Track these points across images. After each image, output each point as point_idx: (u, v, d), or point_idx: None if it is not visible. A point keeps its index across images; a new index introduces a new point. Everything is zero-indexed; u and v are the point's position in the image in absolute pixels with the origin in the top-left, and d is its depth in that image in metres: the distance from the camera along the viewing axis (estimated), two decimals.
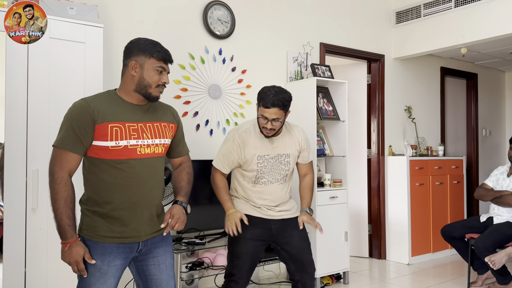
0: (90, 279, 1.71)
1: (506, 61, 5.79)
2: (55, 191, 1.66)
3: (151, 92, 1.78)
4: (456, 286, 3.81)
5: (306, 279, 2.51)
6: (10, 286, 2.30)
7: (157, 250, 1.84)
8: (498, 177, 3.82)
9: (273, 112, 2.34)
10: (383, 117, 4.84)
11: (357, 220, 4.82)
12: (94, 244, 1.72)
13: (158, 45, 1.82)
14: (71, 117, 1.69)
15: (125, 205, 1.73)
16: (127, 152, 1.71)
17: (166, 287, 1.86)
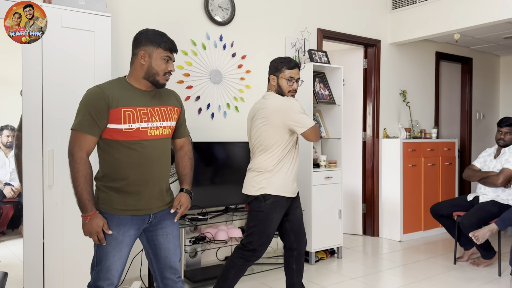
0: (107, 248, 1.90)
1: (500, 45, 5.92)
2: (76, 169, 1.84)
3: (159, 80, 1.95)
4: (444, 261, 4.05)
5: (301, 248, 2.78)
6: (30, 257, 2.52)
7: (165, 222, 2.04)
8: (486, 158, 4.01)
9: (297, 72, 2.69)
10: (378, 101, 5.01)
11: (352, 200, 5.04)
12: (110, 217, 1.91)
13: (165, 36, 1.99)
14: (88, 103, 1.86)
15: (138, 181, 1.92)
16: (139, 134, 1.90)
17: (173, 255, 2.07)
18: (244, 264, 2.64)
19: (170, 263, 2.05)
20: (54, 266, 2.57)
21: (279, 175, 2.60)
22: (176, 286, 2.09)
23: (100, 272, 1.91)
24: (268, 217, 2.59)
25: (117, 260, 1.92)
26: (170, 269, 2.06)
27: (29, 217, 2.52)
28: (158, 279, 2.09)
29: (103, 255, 1.91)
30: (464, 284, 3.43)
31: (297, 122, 2.56)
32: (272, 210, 2.59)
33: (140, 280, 3.13)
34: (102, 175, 1.96)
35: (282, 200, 2.62)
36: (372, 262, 4.06)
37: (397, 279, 3.58)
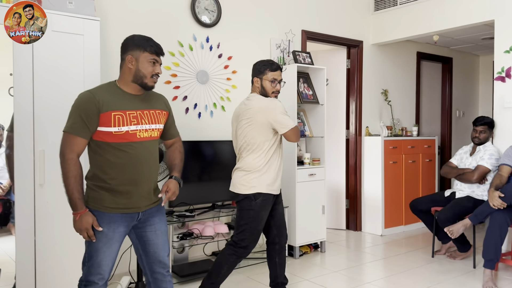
0: (97, 244, 1.99)
1: (479, 46, 6.11)
2: (66, 170, 1.94)
3: (147, 82, 2.05)
4: (423, 255, 4.22)
5: (283, 241, 2.95)
6: (22, 254, 2.60)
7: (153, 219, 2.15)
8: (462, 156, 4.18)
9: (279, 73, 2.82)
10: (361, 100, 5.16)
11: (336, 196, 5.19)
12: (101, 214, 2.00)
13: (151, 40, 2.08)
14: (79, 107, 1.95)
15: (127, 181, 2.01)
16: (128, 136, 1.99)
17: (162, 250, 2.17)
18: (236, 260, 2.77)
19: (159, 257, 2.15)
20: (45, 262, 2.65)
21: (268, 174, 2.73)
22: (165, 280, 2.19)
23: (91, 268, 2.00)
24: (259, 215, 2.72)
25: (108, 255, 2.01)
26: (159, 263, 2.16)
27: (21, 215, 2.60)
28: (147, 274, 2.19)
29: (94, 251, 2.00)
30: (441, 276, 3.60)
31: (279, 123, 2.69)
32: (262, 208, 2.72)
33: (129, 275, 3.23)
34: (92, 175, 2.04)
35: (270, 197, 2.77)
36: (355, 256, 4.21)
37: (378, 271, 3.74)
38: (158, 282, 2.19)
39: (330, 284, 3.39)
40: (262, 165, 2.71)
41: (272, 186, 2.76)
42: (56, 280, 2.68)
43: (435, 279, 3.52)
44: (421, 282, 3.43)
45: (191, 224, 3.69)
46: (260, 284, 3.37)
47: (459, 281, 3.46)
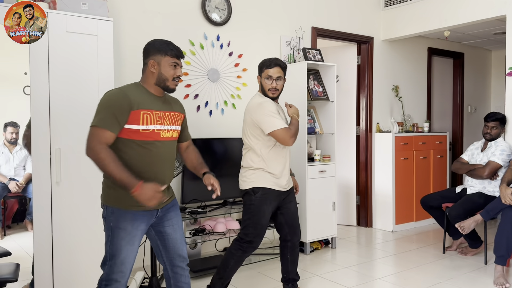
0: (120, 242, 2.03)
1: (491, 41, 6.06)
2: (102, 159, 1.92)
3: (169, 85, 2.13)
4: (434, 251, 4.22)
5: (295, 240, 2.97)
6: (40, 250, 2.68)
7: (170, 214, 2.21)
8: (473, 151, 4.17)
9: (276, 71, 2.76)
10: (371, 96, 5.16)
11: (346, 192, 5.21)
12: (122, 213, 2.04)
13: (171, 44, 2.15)
14: (111, 103, 2.00)
15: (150, 179, 2.01)
16: (154, 135, 2.07)
17: (180, 244, 2.24)
18: (242, 255, 2.80)
19: (178, 251, 2.23)
20: (62, 258, 2.73)
21: (268, 170, 2.77)
22: (184, 275, 2.27)
23: (114, 266, 2.03)
24: (260, 209, 2.75)
25: (130, 253, 2.06)
26: (179, 257, 2.23)
27: (38, 212, 2.67)
28: (168, 269, 2.26)
29: (116, 250, 2.03)
30: (452, 271, 3.61)
31: (261, 123, 2.70)
32: (262, 202, 2.75)
33: (143, 271, 3.29)
34: None
35: (272, 192, 2.78)
36: (365, 252, 4.23)
37: (389, 267, 3.75)
38: (178, 276, 2.26)
39: (341, 280, 3.42)
40: (259, 162, 2.76)
41: (272, 182, 2.78)
42: (73, 275, 2.75)
43: (446, 275, 3.53)
44: (432, 278, 3.44)
45: (203, 221, 3.74)
46: (271, 279, 3.42)
47: (470, 277, 3.47)
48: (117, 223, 2.04)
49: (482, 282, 3.35)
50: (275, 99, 2.84)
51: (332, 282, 3.38)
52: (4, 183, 3.92)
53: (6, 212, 4.10)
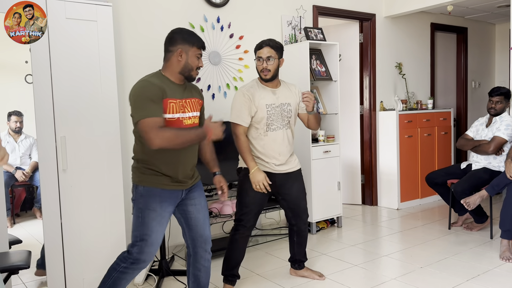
0: (151, 223, 2.12)
1: (495, 14, 5.96)
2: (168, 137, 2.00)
3: (192, 74, 2.20)
4: (439, 227, 4.25)
5: (300, 223, 2.97)
6: (50, 237, 2.71)
7: (193, 194, 2.30)
8: (478, 127, 4.15)
9: (266, 51, 2.72)
10: (374, 75, 5.12)
11: (351, 172, 5.22)
12: (152, 194, 2.13)
13: (197, 35, 2.22)
14: (146, 93, 2.03)
15: (175, 164, 2.15)
16: (178, 123, 2.13)
17: (204, 224, 2.31)
18: (235, 234, 2.81)
19: (200, 231, 2.30)
20: (73, 244, 2.76)
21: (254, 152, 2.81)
22: (205, 256, 2.34)
23: (145, 247, 2.12)
24: (242, 187, 2.80)
25: (160, 234, 2.16)
26: (201, 237, 2.30)
27: (46, 200, 2.69)
28: (190, 247, 2.35)
29: (147, 230, 2.12)
30: (458, 247, 3.64)
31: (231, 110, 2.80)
32: (245, 181, 2.78)
33: None
34: (142, 159, 2.17)
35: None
36: (371, 230, 4.27)
37: (395, 244, 3.79)
38: (198, 257, 2.33)
39: (348, 258, 3.46)
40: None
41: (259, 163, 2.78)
42: (84, 260, 2.79)
43: (452, 250, 3.56)
44: (438, 254, 3.47)
45: (210, 204, 3.77)
46: (278, 259, 3.46)
47: (476, 252, 3.50)
48: (146, 205, 2.13)
49: (488, 257, 3.38)
50: (269, 81, 2.78)
51: (339, 260, 3.42)
52: (11, 172, 3.95)
53: (14, 201, 4.15)
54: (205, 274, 2.37)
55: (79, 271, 2.78)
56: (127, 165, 3.50)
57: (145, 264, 2.16)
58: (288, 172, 2.86)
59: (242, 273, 3.04)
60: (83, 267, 2.79)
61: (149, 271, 3.16)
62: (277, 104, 2.79)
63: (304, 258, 3.08)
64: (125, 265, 2.16)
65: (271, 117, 2.76)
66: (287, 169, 2.85)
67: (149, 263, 2.18)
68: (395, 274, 3.11)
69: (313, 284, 2.98)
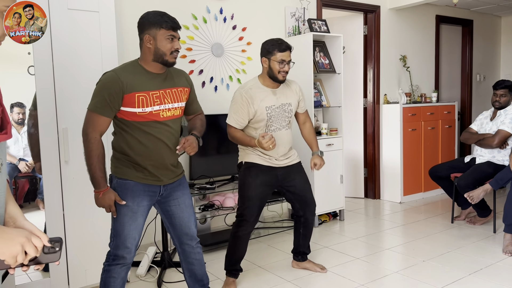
0: (123, 219, 2.07)
1: (501, 6, 5.89)
2: (89, 149, 1.98)
3: (168, 59, 2.03)
4: (442, 220, 4.24)
5: (308, 214, 2.96)
6: (52, 228, 2.71)
7: (176, 193, 2.19)
8: (482, 121, 4.12)
9: (288, 54, 2.72)
10: (378, 67, 5.08)
11: (354, 165, 5.20)
12: (124, 189, 2.07)
13: (165, 15, 2.02)
14: (103, 87, 1.98)
15: (150, 158, 2.07)
16: (152, 116, 2.02)
17: (188, 222, 2.23)
18: (238, 230, 2.77)
19: (185, 230, 2.23)
20: (75, 235, 2.77)
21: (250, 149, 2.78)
22: (194, 252, 2.28)
23: (119, 242, 2.08)
24: (244, 182, 2.77)
25: (133, 229, 2.08)
26: (186, 236, 2.24)
27: (48, 191, 2.69)
28: (177, 245, 2.29)
29: (120, 226, 2.07)
30: (461, 241, 3.62)
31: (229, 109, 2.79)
32: (246, 175, 2.76)
33: (155, 246, 3.34)
34: (119, 149, 2.11)
35: (258, 166, 2.75)
36: (373, 223, 4.26)
37: (397, 238, 3.78)
38: (187, 253, 2.28)
39: (350, 251, 3.45)
40: None
41: (258, 158, 2.75)
42: (86, 252, 2.80)
43: (455, 244, 3.55)
44: (440, 247, 3.47)
45: (212, 196, 3.77)
46: (280, 251, 3.46)
47: (479, 246, 3.49)
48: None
49: (491, 251, 3.37)
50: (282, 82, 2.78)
51: (341, 253, 3.41)
52: (14, 163, 3.96)
53: (17, 192, 4.16)
54: (199, 266, 2.32)
55: (81, 262, 2.79)
56: None
57: (125, 260, 2.10)
58: (289, 165, 2.85)
59: (244, 265, 3.05)
60: (85, 258, 2.80)
61: (152, 263, 3.17)
62: (277, 105, 2.75)
63: (308, 251, 3.08)
64: (107, 263, 2.12)
65: (271, 118, 2.74)
66: (287, 163, 2.84)
67: (130, 259, 2.11)
68: (397, 267, 3.11)
69: (315, 277, 2.98)
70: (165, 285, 2.92)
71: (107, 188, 2.03)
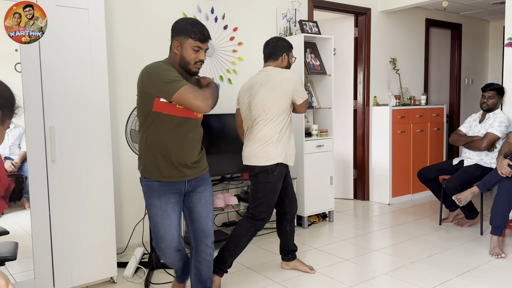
0: (155, 219, 2.16)
1: (489, 11, 5.97)
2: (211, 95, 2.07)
3: (191, 69, 2.11)
4: (430, 222, 4.27)
5: (294, 211, 3.05)
6: (38, 229, 2.67)
7: (199, 188, 2.26)
8: (471, 123, 4.16)
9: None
10: (369, 69, 5.11)
11: (343, 166, 5.21)
12: (152, 190, 2.14)
13: (197, 26, 2.07)
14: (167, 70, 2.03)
15: (177, 151, 2.13)
16: (171, 107, 2.07)
17: (206, 218, 2.28)
18: (255, 233, 2.82)
19: (201, 225, 2.27)
20: (61, 235, 2.72)
21: (282, 144, 2.74)
22: (206, 251, 2.30)
23: (158, 240, 2.20)
24: (275, 187, 2.77)
25: (168, 226, 2.16)
26: (202, 232, 2.27)
27: (34, 190, 2.65)
28: (191, 240, 2.32)
29: (154, 226, 2.18)
30: (448, 242, 3.65)
31: (299, 93, 2.76)
32: (278, 179, 2.76)
33: (142, 247, 3.31)
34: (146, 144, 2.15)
35: (284, 168, 2.81)
36: (362, 224, 4.27)
37: (386, 239, 3.79)
38: (199, 251, 2.30)
39: (339, 252, 3.45)
40: (278, 134, 2.71)
41: (287, 156, 2.79)
42: (73, 253, 2.76)
43: (443, 246, 3.57)
44: (428, 249, 3.48)
45: None
46: (270, 253, 3.45)
47: (466, 248, 3.51)
48: (148, 201, 2.17)
49: (478, 253, 3.40)
50: None
51: (330, 254, 3.41)
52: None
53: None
54: (207, 267, 2.34)
55: (68, 263, 2.74)
56: (117, 156, 3.46)
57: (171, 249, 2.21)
58: None
59: (233, 267, 3.02)
60: (71, 259, 2.75)
61: (139, 264, 3.13)
62: None
63: (296, 247, 3.11)
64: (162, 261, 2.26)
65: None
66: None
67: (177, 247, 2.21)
68: (386, 269, 3.12)
69: (304, 278, 2.97)
70: (153, 286, 2.88)
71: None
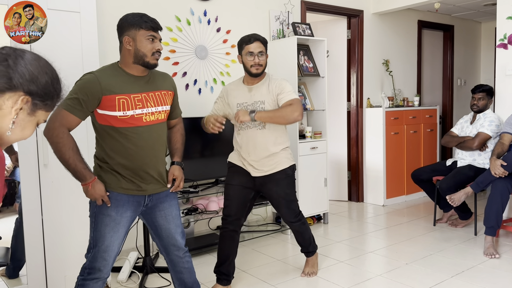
0: (104, 229, 1.95)
1: (481, 12, 6.01)
2: (61, 144, 1.85)
3: (148, 61, 1.97)
4: (425, 223, 4.28)
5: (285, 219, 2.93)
6: (30, 233, 2.64)
7: (162, 205, 2.11)
8: (463, 125, 4.18)
9: (257, 45, 2.66)
10: (362, 71, 5.12)
11: (337, 168, 5.22)
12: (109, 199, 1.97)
13: (145, 16, 1.97)
14: (80, 87, 1.90)
15: (134, 166, 1.98)
16: (134, 121, 1.95)
17: (175, 234, 2.13)
18: (221, 229, 2.84)
19: (172, 241, 2.14)
20: (53, 240, 2.70)
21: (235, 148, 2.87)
22: (182, 261, 2.19)
23: (97, 253, 1.96)
24: (226, 180, 2.87)
25: (115, 240, 1.98)
26: (174, 246, 2.15)
27: (27, 195, 2.62)
28: (163, 254, 2.21)
29: (100, 237, 1.96)
30: (443, 243, 3.66)
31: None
32: (227, 174, 2.88)
33: (136, 251, 3.29)
34: (101, 157, 2.03)
35: (235, 167, 2.84)
36: (357, 226, 4.27)
37: (381, 241, 3.80)
38: (175, 263, 2.20)
39: (334, 254, 3.45)
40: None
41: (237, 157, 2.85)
42: (66, 257, 2.73)
43: (437, 246, 3.58)
44: (423, 250, 3.49)
45: (195, 200, 3.73)
46: (265, 255, 3.44)
47: (460, 248, 3.52)
48: (101, 209, 1.97)
49: (472, 253, 3.41)
50: (259, 76, 2.70)
51: (325, 256, 3.41)
52: None
53: None
54: (189, 274, 2.24)
55: (61, 267, 2.72)
56: None
57: (101, 274, 1.97)
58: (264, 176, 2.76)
59: None
60: (64, 263, 2.73)
61: (133, 268, 3.11)
62: (249, 103, 2.71)
63: (305, 250, 3.05)
64: (82, 277, 1.98)
65: None
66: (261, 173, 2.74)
67: (106, 273, 2.00)
68: (381, 270, 3.12)
69: (298, 281, 2.97)
70: None
71: (94, 178, 1.92)
